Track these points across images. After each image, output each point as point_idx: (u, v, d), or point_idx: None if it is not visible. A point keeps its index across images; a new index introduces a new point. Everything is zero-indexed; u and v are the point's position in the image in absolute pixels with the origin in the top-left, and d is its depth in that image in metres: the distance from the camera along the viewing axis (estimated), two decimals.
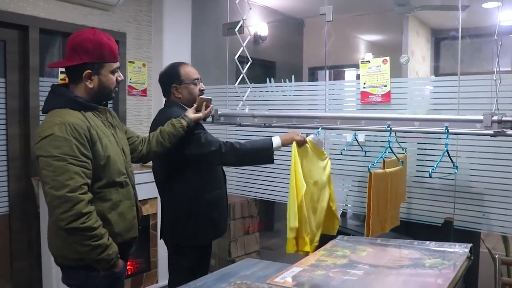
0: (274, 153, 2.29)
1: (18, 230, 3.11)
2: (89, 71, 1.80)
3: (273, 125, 2.60)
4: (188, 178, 2.36)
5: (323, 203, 2.38)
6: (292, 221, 2.15)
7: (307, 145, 2.30)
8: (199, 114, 2.29)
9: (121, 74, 1.94)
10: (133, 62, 3.74)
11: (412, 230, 2.76)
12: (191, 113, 2.27)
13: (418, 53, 4.58)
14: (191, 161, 2.33)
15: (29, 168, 3.10)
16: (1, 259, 3.09)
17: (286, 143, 2.29)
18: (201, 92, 2.46)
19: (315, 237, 2.30)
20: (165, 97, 2.51)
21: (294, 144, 2.23)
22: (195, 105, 2.32)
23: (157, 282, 3.61)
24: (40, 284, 3.14)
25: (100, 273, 1.79)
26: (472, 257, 1.38)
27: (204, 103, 2.33)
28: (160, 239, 2.54)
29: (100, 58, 1.81)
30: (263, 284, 1.31)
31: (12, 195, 3.08)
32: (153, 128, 2.34)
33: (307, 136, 2.34)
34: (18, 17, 2.98)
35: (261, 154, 2.30)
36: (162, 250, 3.38)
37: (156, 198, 3.40)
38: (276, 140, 2.30)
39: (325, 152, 2.44)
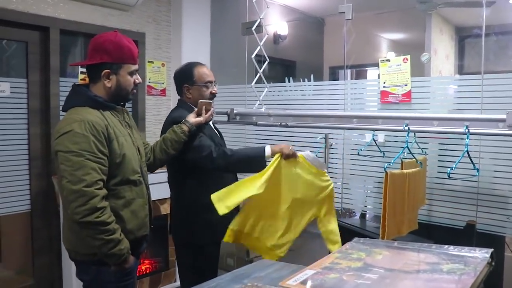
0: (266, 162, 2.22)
1: (39, 228, 3.17)
2: (108, 70, 1.87)
3: (289, 124, 2.57)
4: (187, 181, 2.37)
5: (302, 221, 2.27)
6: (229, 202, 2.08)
7: (298, 159, 2.20)
8: (200, 119, 2.27)
9: (139, 77, 1.99)
10: (152, 62, 3.76)
11: (433, 233, 2.70)
12: (192, 118, 2.26)
13: (442, 51, 4.48)
14: (187, 165, 2.33)
15: (50, 167, 3.14)
16: (23, 255, 3.16)
17: (274, 154, 2.20)
18: (213, 95, 2.43)
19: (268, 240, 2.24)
20: (178, 95, 2.51)
21: (278, 154, 2.17)
22: (196, 109, 2.31)
23: (175, 281, 3.62)
24: (60, 280, 3.20)
25: (111, 268, 1.82)
26: (493, 263, 1.33)
27: (204, 106, 2.30)
28: (170, 234, 2.60)
29: (119, 59, 1.88)
30: (275, 286, 1.29)
31: (34, 194, 3.13)
32: (163, 128, 2.38)
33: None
34: (39, 19, 3.03)
35: (254, 162, 2.23)
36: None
37: None
38: (267, 150, 2.23)
39: (326, 174, 2.28)
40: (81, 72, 3.21)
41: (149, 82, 3.75)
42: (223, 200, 2.09)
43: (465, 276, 1.19)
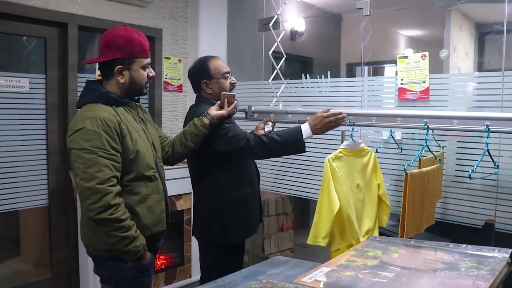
0: (306, 143, 2.18)
1: (57, 222, 3.21)
2: (120, 66, 1.85)
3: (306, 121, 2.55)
4: (215, 176, 2.30)
5: (372, 197, 2.41)
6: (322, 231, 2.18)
7: (341, 154, 2.27)
8: (222, 111, 2.20)
9: (152, 70, 1.97)
10: (169, 58, 3.77)
11: (450, 231, 2.66)
12: (213, 111, 2.19)
13: (461, 48, 4.41)
14: (219, 158, 2.27)
15: (68, 162, 3.15)
16: (41, 249, 3.20)
17: (318, 131, 2.18)
18: (233, 86, 2.38)
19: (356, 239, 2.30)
20: (195, 93, 2.46)
21: (326, 162, 2.20)
22: (218, 102, 2.26)
23: (190, 277, 3.64)
24: (77, 274, 3.24)
25: (128, 264, 1.82)
26: None
27: (227, 99, 2.25)
28: (192, 235, 2.53)
29: (130, 53, 1.86)
30: (289, 283, 1.28)
31: (52, 188, 3.17)
32: (185, 125, 2.31)
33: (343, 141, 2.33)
34: (58, 15, 3.06)
35: (293, 146, 2.19)
36: (195, 246, 3.41)
37: (190, 193, 3.42)
38: (305, 128, 2.17)
39: (365, 148, 2.39)
40: (99, 68, 3.23)
41: (166, 78, 3.76)
42: (317, 235, 2.19)
43: (483, 276, 1.17)
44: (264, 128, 2.52)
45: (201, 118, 2.16)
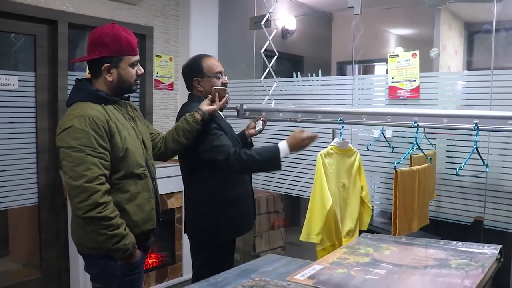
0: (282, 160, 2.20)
1: (46, 221, 3.18)
2: (108, 64, 1.85)
3: (298, 120, 2.56)
4: (207, 174, 2.30)
5: (355, 197, 2.43)
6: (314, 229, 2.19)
7: (332, 151, 2.27)
8: (214, 106, 2.19)
9: (141, 68, 1.96)
10: (160, 56, 3.76)
11: (440, 229, 2.69)
12: (205, 106, 2.18)
13: (450, 47, 4.45)
14: (199, 163, 2.29)
15: (57, 160, 3.13)
16: (31, 248, 3.18)
17: (295, 150, 2.21)
18: (224, 85, 2.37)
19: (341, 241, 2.32)
20: (188, 91, 2.47)
21: (319, 157, 2.21)
22: (209, 97, 2.25)
23: (181, 276, 3.63)
24: (67, 273, 3.22)
25: (118, 262, 1.82)
26: (502, 259, 1.33)
27: (218, 93, 2.25)
28: (184, 233, 2.54)
29: (118, 51, 1.85)
30: (282, 281, 1.29)
31: (41, 187, 3.15)
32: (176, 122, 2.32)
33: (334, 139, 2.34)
34: (48, 12, 3.04)
35: (269, 164, 2.21)
36: (186, 244, 3.40)
37: (181, 192, 3.41)
38: (283, 147, 2.19)
39: (352, 148, 2.40)
40: (87, 67, 3.21)
41: (157, 76, 3.75)
42: (310, 232, 2.19)
43: (473, 272, 1.19)
44: (255, 127, 2.53)
45: (193, 114, 2.16)
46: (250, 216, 2.52)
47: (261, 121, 2.53)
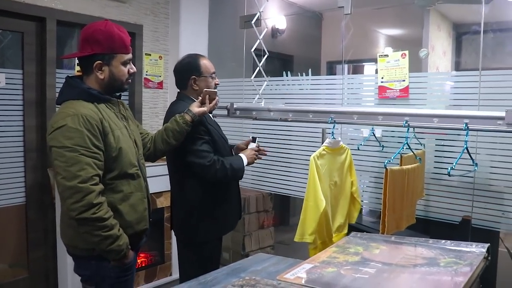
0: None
1: (34, 220, 3.15)
2: (100, 62, 1.81)
3: (289, 119, 2.56)
4: (193, 173, 2.31)
5: (345, 194, 2.46)
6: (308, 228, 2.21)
7: (324, 152, 2.29)
8: (204, 108, 2.20)
9: (133, 66, 1.93)
10: (150, 55, 3.74)
11: (429, 228, 2.71)
12: (195, 107, 2.18)
13: (439, 47, 4.49)
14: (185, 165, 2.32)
15: (46, 159, 3.12)
16: (18, 248, 3.14)
17: (249, 163, 2.41)
18: (216, 86, 2.41)
19: (331, 238, 2.33)
20: (178, 88, 2.46)
21: (312, 159, 2.22)
22: (199, 98, 2.26)
23: (170, 275, 3.62)
24: (55, 273, 3.19)
25: (111, 263, 1.80)
26: (489, 257, 1.34)
27: (208, 96, 2.25)
28: (171, 229, 2.55)
29: (110, 49, 1.82)
30: (272, 280, 1.29)
31: (29, 186, 3.11)
32: (165, 121, 2.31)
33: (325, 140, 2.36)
34: (36, 9, 3.00)
35: (239, 174, 2.36)
36: (175, 243, 3.40)
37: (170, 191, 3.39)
38: (244, 159, 2.39)
39: (343, 146, 2.42)
40: (78, 64, 3.18)
41: (146, 74, 3.73)
42: (304, 232, 2.20)
43: (462, 270, 1.20)
44: (248, 147, 2.55)
45: (183, 115, 2.15)
46: (235, 215, 2.53)
47: (254, 144, 2.56)
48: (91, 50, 1.80)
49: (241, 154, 2.41)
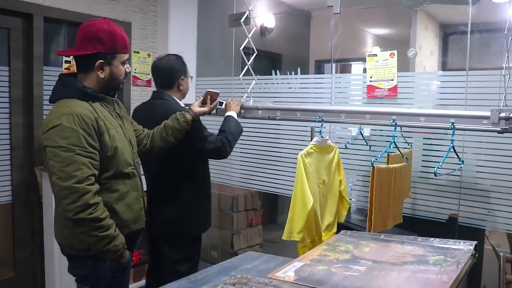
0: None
1: (21, 219, 3.11)
2: (102, 61, 1.80)
3: (277, 118, 2.57)
4: (186, 171, 2.35)
5: (334, 192, 2.47)
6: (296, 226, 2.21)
7: (311, 150, 2.30)
8: (205, 108, 2.23)
9: (129, 66, 1.94)
10: (138, 52, 3.72)
11: (417, 226, 2.73)
12: (196, 107, 2.20)
13: (426, 47, 4.52)
14: (191, 156, 2.34)
15: (33, 157, 3.09)
16: (4, 248, 3.10)
17: (236, 111, 2.55)
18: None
19: (321, 237, 2.35)
20: (162, 88, 2.46)
21: (299, 157, 2.23)
22: (201, 98, 2.26)
23: None
24: (42, 273, 3.15)
25: (107, 263, 1.79)
26: (477, 255, 1.36)
27: (210, 96, 2.26)
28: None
29: (113, 48, 1.81)
30: (264, 278, 1.29)
31: (15, 184, 3.08)
32: (149, 121, 2.28)
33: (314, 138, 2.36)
34: (23, 5, 2.96)
35: (239, 131, 2.48)
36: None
37: None
38: (232, 113, 2.50)
39: (331, 144, 2.43)
40: (65, 61, 3.16)
41: (135, 72, 3.71)
42: (292, 231, 2.21)
43: (450, 267, 1.22)
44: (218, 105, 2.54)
45: (184, 114, 2.17)
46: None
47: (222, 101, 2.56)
48: (93, 49, 1.78)
49: (228, 114, 2.49)
